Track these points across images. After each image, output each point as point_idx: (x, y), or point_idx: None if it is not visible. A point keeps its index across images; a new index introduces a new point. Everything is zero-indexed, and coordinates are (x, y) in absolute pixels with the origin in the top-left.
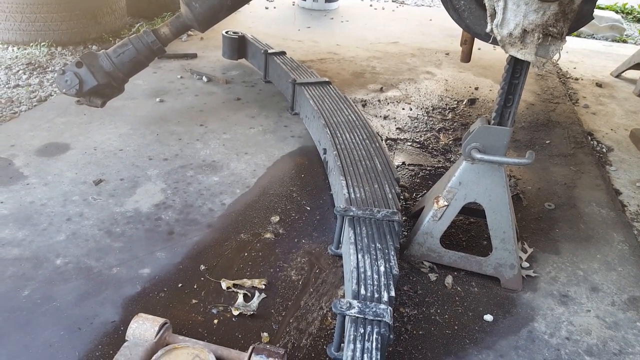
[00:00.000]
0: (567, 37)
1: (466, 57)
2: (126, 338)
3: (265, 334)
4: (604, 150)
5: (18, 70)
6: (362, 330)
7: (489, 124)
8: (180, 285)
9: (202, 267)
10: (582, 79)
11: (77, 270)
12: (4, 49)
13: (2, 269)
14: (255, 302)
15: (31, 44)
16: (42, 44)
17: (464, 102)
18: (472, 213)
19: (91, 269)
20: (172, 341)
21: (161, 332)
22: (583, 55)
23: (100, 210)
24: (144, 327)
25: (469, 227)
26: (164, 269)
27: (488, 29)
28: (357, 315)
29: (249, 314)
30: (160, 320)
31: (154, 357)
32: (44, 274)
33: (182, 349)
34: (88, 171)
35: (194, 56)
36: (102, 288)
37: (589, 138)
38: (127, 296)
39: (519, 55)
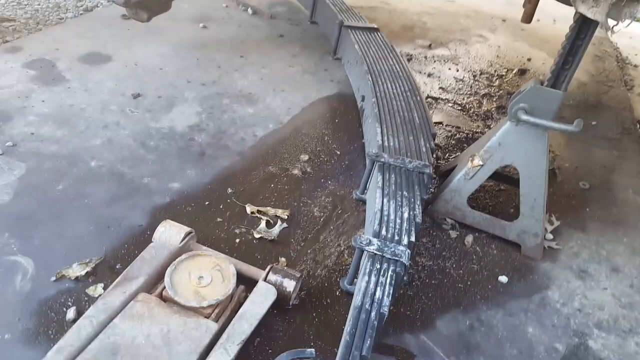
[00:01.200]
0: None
1: (528, 17)
2: (152, 240)
3: (283, 259)
4: None
5: None
6: (378, 266)
7: (542, 85)
8: (207, 203)
9: (229, 190)
10: None
11: (110, 174)
12: None
13: (40, 161)
14: (276, 229)
15: None
16: None
17: (514, 71)
18: (504, 179)
19: (123, 175)
20: (195, 249)
21: (186, 239)
22: None
23: (137, 123)
24: (170, 232)
25: (497, 193)
26: (193, 186)
27: None
28: (375, 252)
29: (269, 239)
30: (187, 228)
31: (177, 260)
32: (78, 172)
33: (205, 256)
34: (127, 84)
35: None
36: (132, 194)
37: (638, 125)
38: (156, 205)
39: (589, 14)
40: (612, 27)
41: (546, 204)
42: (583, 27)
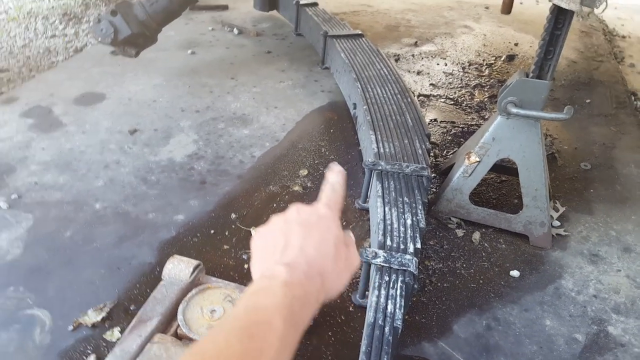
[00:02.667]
0: None
1: (507, 8)
2: (162, 278)
3: None
4: None
5: (54, 21)
6: (387, 278)
7: (528, 77)
8: (212, 231)
9: (233, 215)
10: (629, 37)
11: (115, 215)
12: (41, 0)
13: (46, 210)
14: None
15: None
16: None
17: (502, 58)
18: (504, 171)
19: (128, 214)
20: (205, 281)
21: (195, 272)
22: (633, 12)
23: (136, 159)
24: (179, 268)
25: (499, 185)
26: (197, 216)
27: None
28: (382, 264)
29: None
30: (195, 262)
31: (188, 296)
32: (84, 216)
33: (215, 288)
34: (123, 121)
35: (225, 8)
36: (139, 232)
37: (633, 98)
38: (162, 240)
39: (563, 4)
40: (588, 14)
41: (549, 191)
42: (559, 17)
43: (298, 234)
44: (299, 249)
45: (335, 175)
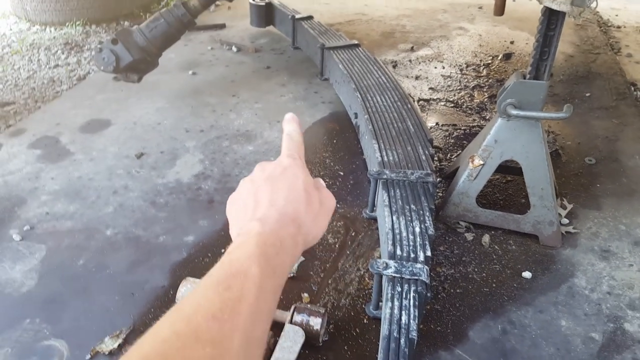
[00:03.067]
0: None
1: (499, 10)
2: (176, 301)
3: (306, 295)
4: None
5: (57, 51)
6: (399, 289)
7: (525, 78)
8: (223, 250)
9: None
10: (624, 27)
11: (127, 240)
12: (42, 31)
13: (58, 240)
14: (294, 265)
15: (67, 24)
16: (77, 23)
17: (499, 57)
18: (509, 171)
19: (139, 238)
20: None
21: None
22: (626, 1)
23: (144, 183)
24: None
25: (505, 186)
26: (207, 236)
27: None
28: (393, 274)
29: (289, 276)
30: None
31: None
32: (96, 244)
33: None
34: (129, 145)
35: (222, 26)
36: (150, 255)
37: (632, 89)
38: (174, 262)
39: (554, 6)
40: (580, 14)
41: (555, 189)
42: (552, 18)
43: (265, 189)
44: (268, 203)
45: (289, 124)
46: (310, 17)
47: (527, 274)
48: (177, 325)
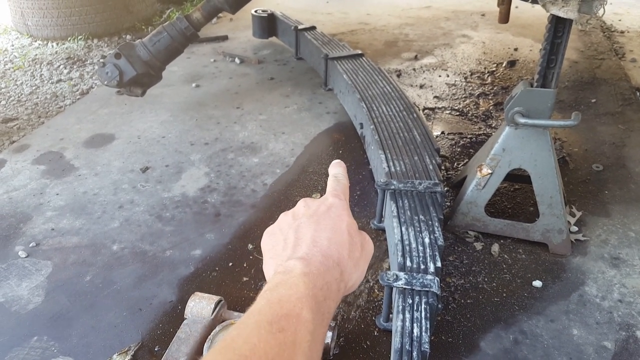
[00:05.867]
0: None
1: (504, 18)
2: (185, 316)
3: None
4: None
5: (59, 65)
6: (410, 301)
7: (532, 86)
8: (230, 264)
9: (250, 246)
10: (628, 32)
11: (133, 255)
12: (44, 46)
13: (64, 256)
14: None
15: (69, 39)
16: (79, 37)
17: (504, 65)
18: (517, 179)
19: (146, 253)
20: (228, 317)
21: (217, 309)
22: (629, 6)
23: (150, 197)
24: (200, 305)
25: (514, 194)
26: (214, 250)
27: None
28: (404, 286)
29: None
30: (216, 298)
31: (212, 333)
32: (102, 259)
33: None
34: (134, 159)
35: (225, 38)
36: (157, 270)
37: (638, 94)
38: (181, 277)
39: (561, 14)
40: (587, 21)
41: (564, 197)
42: (558, 26)
43: (308, 226)
44: (311, 242)
45: (335, 168)
46: (313, 28)
47: (537, 283)
48: None
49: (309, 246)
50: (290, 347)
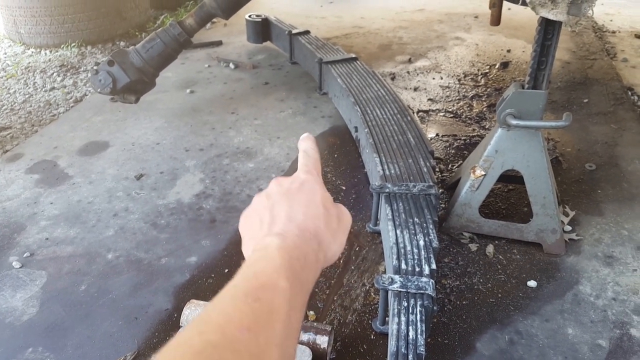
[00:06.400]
0: None
1: (496, 20)
2: (180, 324)
3: (312, 313)
4: None
5: (52, 73)
6: (405, 304)
7: (523, 88)
8: (227, 270)
9: None
10: (619, 32)
11: (128, 263)
12: (37, 53)
13: (59, 266)
14: None
15: (62, 46)
16: (72, 44)
17: (497, 66)
18: (511, 180)
19: (141, 261)
20: None
21: None
22: (620, 6)
23: (144, 204)
24: (196, 313)
25: (507, 195)
26: (210, 256)
27: None
28: (399, 289)
29: None
30: None
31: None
32: (97, 268)
33: None
34: (129, 167)
35: (219, 44)
36: (153, 278)
37: (629, 93)
38: (177, 284)
39: (550, 16)
40: (576, 23)
41: (557, 196)
42: (548, 28)
43: (282, 204)
44: (286, 218)
45: (305, 142)
46: (307, 32)
47: (532, 283)
48: (210, 335)
49: (285, 222)
50: (266, 315)
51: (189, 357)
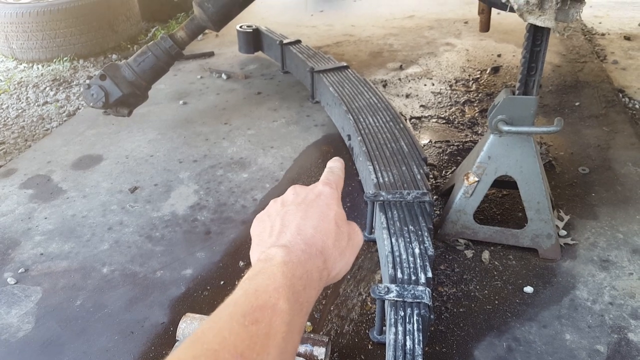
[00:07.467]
0: None
1: (484, 26)
2: (177, 338)
3: (309, 324)
4: (637, 106)
5: (45, 88)
6: (402, 313)
7: (514, 94)
8: (222, 282)
9: (241, 263)
10: (608, 34)
11: (124, 277)
12: (30, 68)
13: (54, 281)
14: None
15: (54, 60)
16: (65, 58)
17: (488, 71)
18: (504, 185)
19: (136, 275)
20: None
21: None
22: (608, 8)
23: (139, 217)
24: (192, 327)
25: (502, 200)
26: (205, 268)
27: None
28: (395, 299)
29: None
30: (207, 317)
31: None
32: (92, 283)
33: None
34: (123, 180)
35: (211, 54)
36: (148, 292)
37: (620, 95)
38: (173, 297)
39: (539, 23)
40: (564, 29)
41: (551, 201)
42: (537, 35)
43: (295, 214)
44: (296, 230)
45: (333, 162)
46: (298, 41)
47: (528, 289)
48: None
49: (293, 234)
50: (263, 339)
51: None
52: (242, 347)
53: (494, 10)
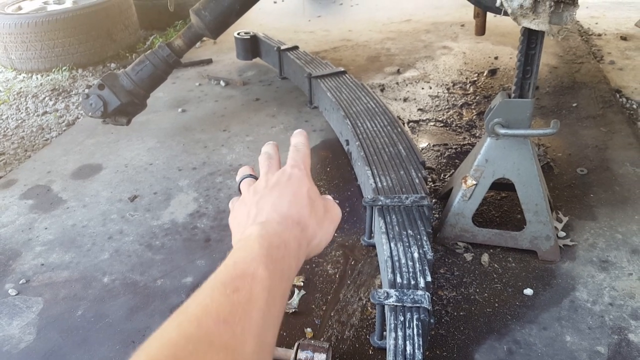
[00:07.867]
0: None
1: (480, 30)
2: None
3: (309, 330)
4: (634, 106)
5: (44, 97)
6: (402, 318)
7: (510, 97)
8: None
9: None
10: (605, 34)
11: (124, 286)
12: (29, 78)
13: (55, 291)
14: (295, 299)
15: (53, 70)
16: (63, 68)
17: (485, 74)
18: (503, 187)
19: (137, 284)
20: None
21: None
22: (604, 9)
23: (139, 226)
24: None
25: (500, 202)
26: (206, 276)
27: (498, 3)
28: (395, 303)
29: (290, 311)
30: None
31: None
32: (93, 292)
33: None
34: (122, 188)
35: (209, 62)
36: (149, 301)
37: (617, 96)
38: (173, 306)
39: (532, 26)
40: (558, 32)
41: (549, 203)
42: (531, 38)
43: (269, 197)
44: (271, 208)
45: (296, 137)
46: (295, 47)
47: (528, 291)
48: (186, 328)
49: (269, 212)
50: (244, 305)
51: (166, 349)
52: (225, 313)
53: (490, 14)
